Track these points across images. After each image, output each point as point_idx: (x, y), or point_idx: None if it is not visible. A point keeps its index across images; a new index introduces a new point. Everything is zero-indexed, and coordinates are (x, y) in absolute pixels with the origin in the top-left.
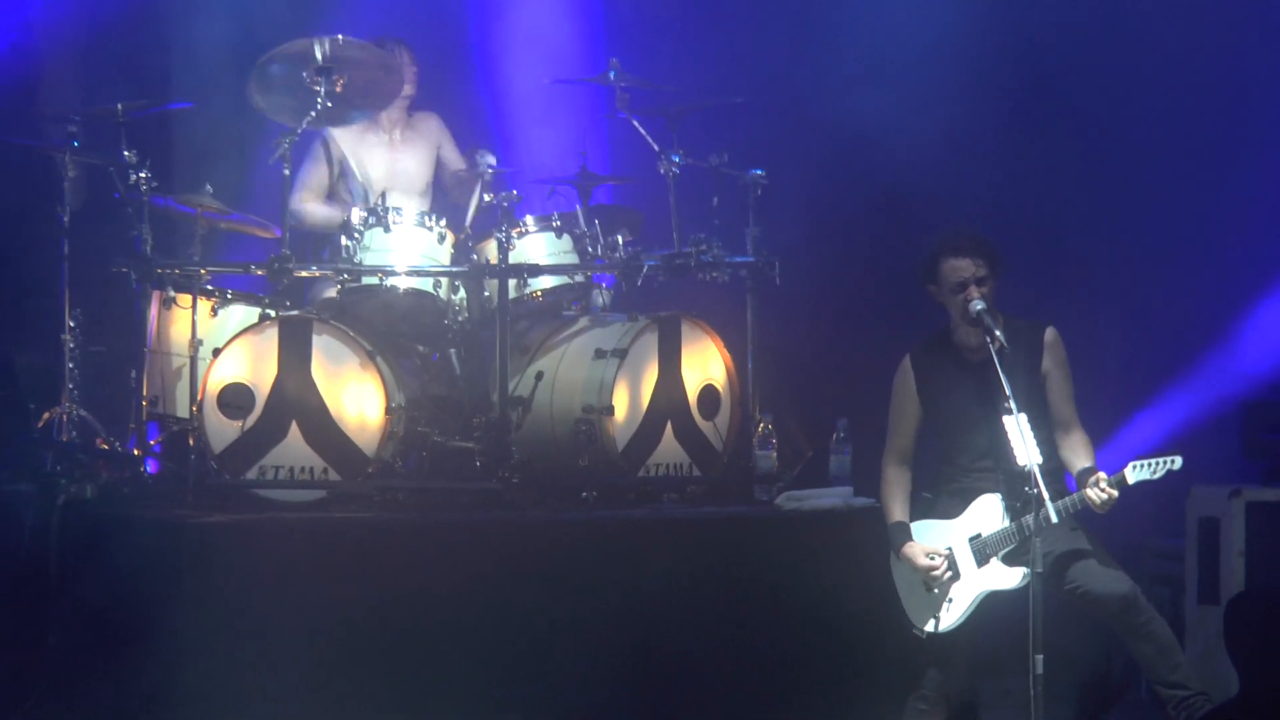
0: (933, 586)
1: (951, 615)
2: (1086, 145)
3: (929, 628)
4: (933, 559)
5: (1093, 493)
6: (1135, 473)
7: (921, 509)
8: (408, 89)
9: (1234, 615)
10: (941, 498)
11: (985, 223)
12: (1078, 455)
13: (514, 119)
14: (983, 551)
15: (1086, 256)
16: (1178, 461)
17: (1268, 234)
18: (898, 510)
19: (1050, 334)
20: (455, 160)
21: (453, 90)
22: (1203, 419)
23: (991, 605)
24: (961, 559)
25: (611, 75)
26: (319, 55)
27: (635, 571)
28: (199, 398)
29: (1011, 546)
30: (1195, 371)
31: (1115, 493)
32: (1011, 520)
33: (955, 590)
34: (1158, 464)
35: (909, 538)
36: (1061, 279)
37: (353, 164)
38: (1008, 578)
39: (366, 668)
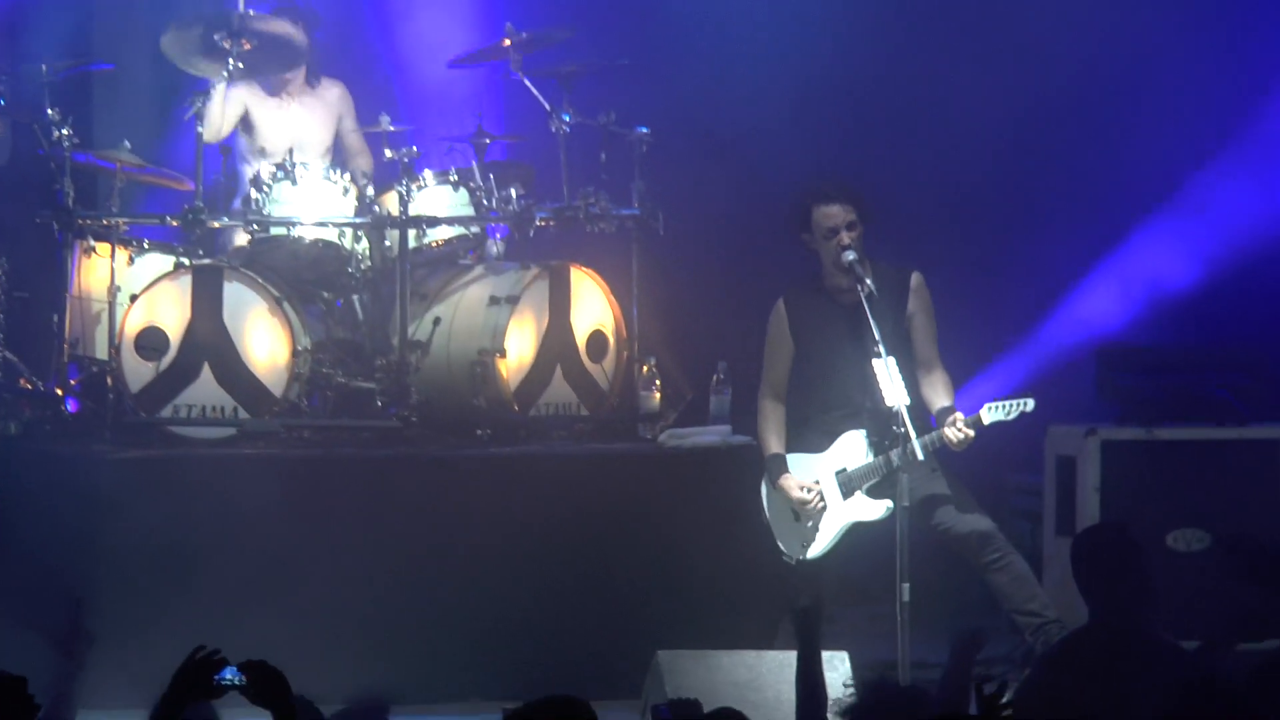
0: (802, 517)
1: (819, 544)
2: (951, 93)
3: (798, 556)
4: (807, 491)
5: (950, 432)
6: (990, 414)
7: (789, 443)
8: (306, 55)
9: (1083, 548)
10: (809, 433)
11: (858, 170)
12: (938, 394)
13: (413, 80)
14: (848, 485)
15: (948, 202)
16: (1030, 403)
17: (1126, 182)
18: (774, 443)
19: (916, 279)
20: (353, 135)
21: (355, 54)
22: (1059, 362)
23: (858, 535)
24: (828, 491)
25: (509, 36)
26: (228, 26)
27: (527, 505)
28: (117, 341)
29: (875, 480)
30: (1052, 316)
31: (972, 433)
32: (876, 455)
33: (823, 521)
34: (1012, 405)
35: (785, 469)
36: (925, 225)
37: (255, 122)
38: (873, 509)
39: (274, 595)
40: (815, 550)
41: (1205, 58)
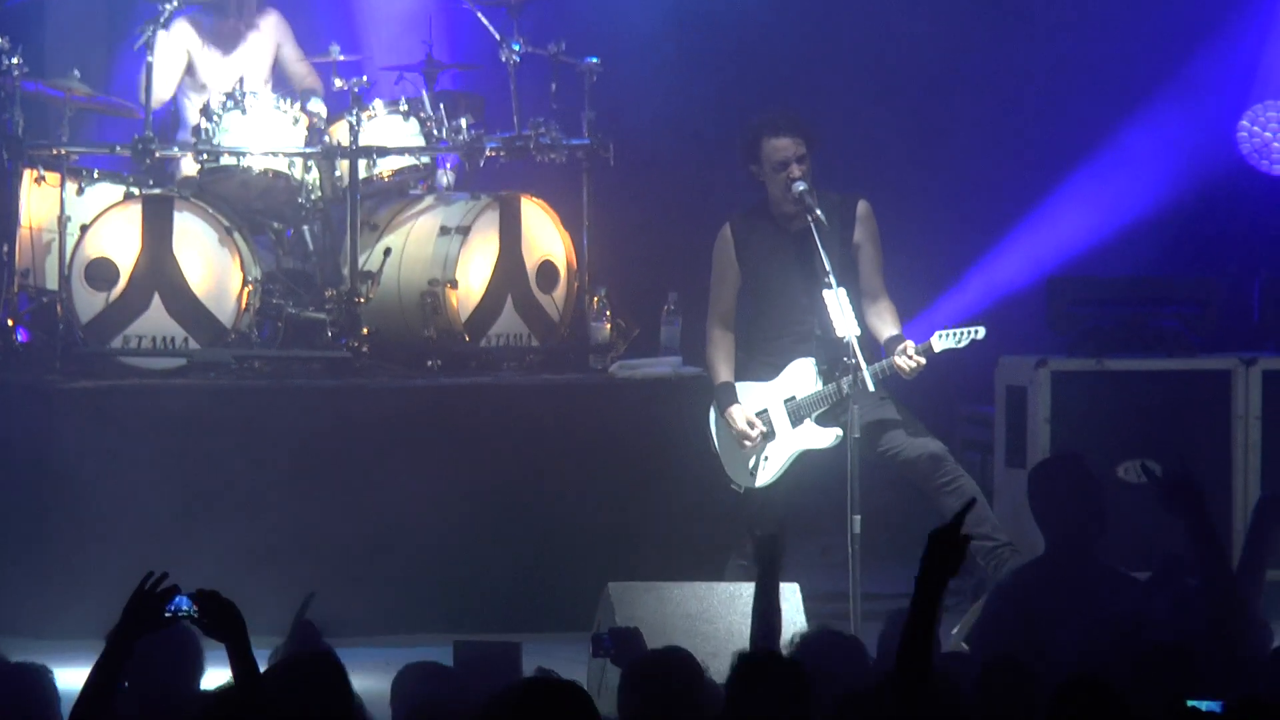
0: (749, 446)
1: (767, 473)
2: (902, 24)
3: (746, 483)
4: (750, 426)
5: (901, 360)
6: (941, 341)
7: (737, 371)
8: None
9: (1039, 479)
10: (755, 361)
11: (806, 102)
12: (885, 323)
13: (363, 8)
14: (797, 413)
15: (899, 131)
16: (981, 331)
17: (1077, 115)
18: (724, 371)
19: (863, 207)
20: (295, 60)
21: None
22: (1010, 293)
23: (808, 466)
24: (777, 419)
25: None
26: None
27: (478, 435)
28: (66, 271)
29: (825, 409)
30: (1003, 247)
31: (923, 360)
32: (825, 384)
33: (771, 449)
34: (962, 334)
35: (735, 399)
36: (875, 154)
37: (195, 63)
38: (822, 437)
39: (223, 525)
40: (764, 478)
41: None
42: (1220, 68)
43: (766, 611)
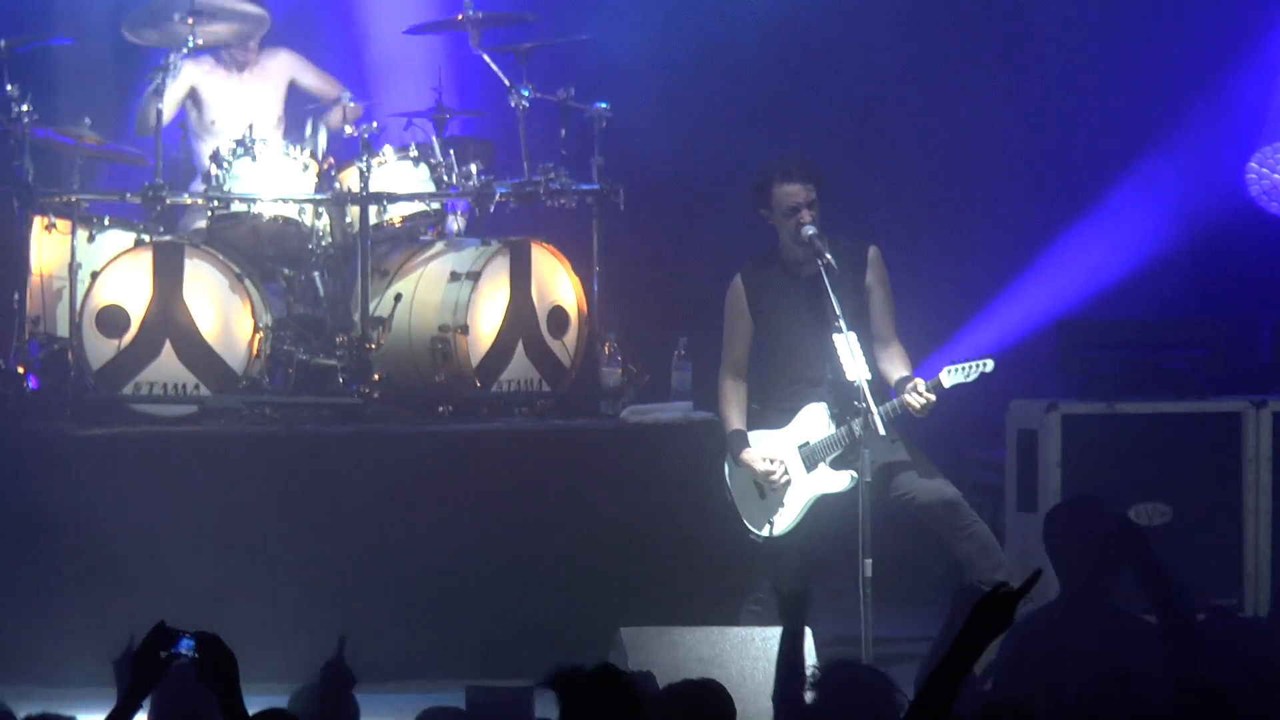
0: (767, 492)
1: (785, 520)
2: (912, 69)
3: (764, 532)
4: (771, 463)
5: (910, 397)
6: (951, 376)
7: (751, 420)
8: (266, 26)
9: (1055, 522)
10: (770, 409)
11: (816, 146)
12: (895, 366)
13: (372, 56)
14: (811, 458)
15: (909, 177)
16: (990, 364)
17: (1085, 158)
18: (735, 419)
19: (873, 252)
20: (319, 83)
21: (314, 28)
22: (1021, 336)
23: (821, 511)
24: (792, 466)
25: (469, 13)
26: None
27: (489, 480)
28: (78, 318)
29: (838, 452)
30: (1013, 290)
31: (933, 397)
32: (838, 427)
33: (788, 495)
34: (971, 367)
35: (747, 445)
36: (885, 199)
37: (203, 98)
38: (836, 481)
39: (236, 572)
40: (782, 525)
41: (1165, 35)
42: (1229, 110)
43: (793, 666)
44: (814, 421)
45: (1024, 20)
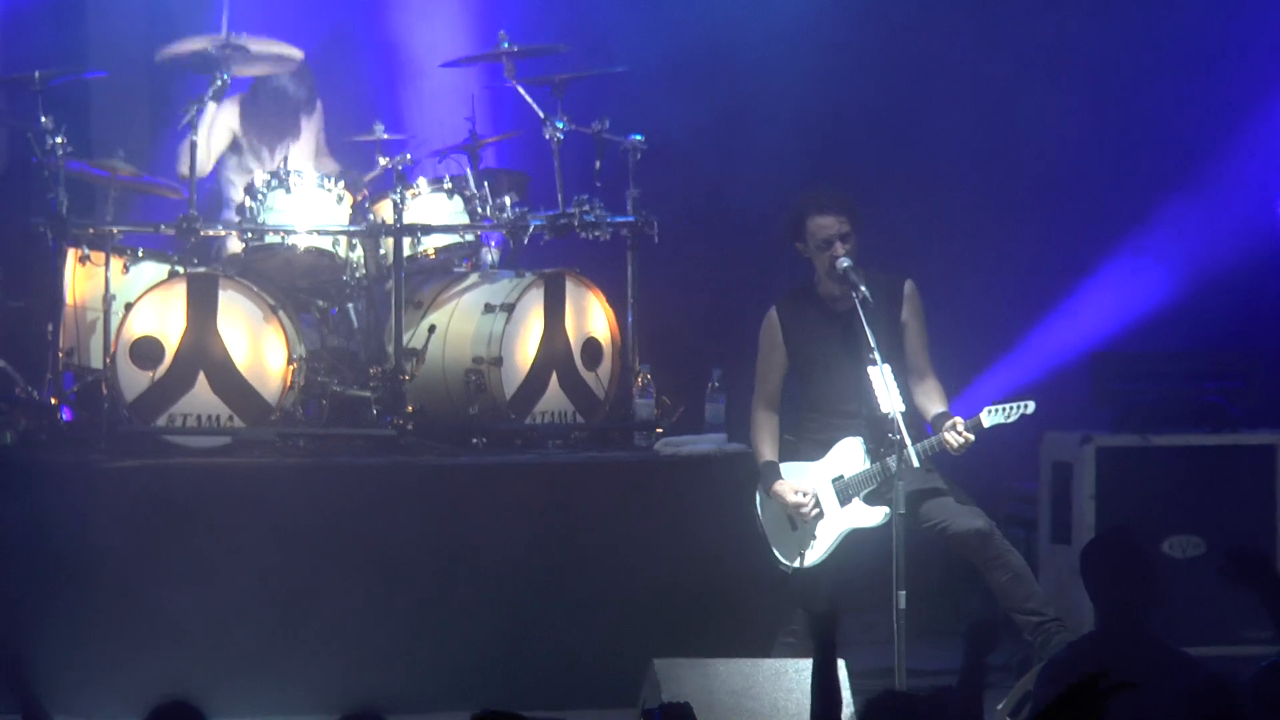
0: (799, 524)
1: (815, 552)
2: (943, 99)
3: (795, 564)
4: (802, 495)
5: (950, 436)
6: (990, 417)
7: (785, 452)
8: (302, 108)
9: (1091, 555)
10: (804, 441)
11: (851, 179)
12: (932, 401)
13: (407, 88)
14: (845, 492)
15: (942, 208)
16: (1030, 406)
17: (1122, 191)
18: (768, 451)
19: (909, 286)
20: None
21: (349, 60)
22: (1054, 369)
23: (854, 544)
24: (825, 499)
25: (503, 46)
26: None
27: (522, 512)
28: (112, 350)
29: (873, 487)
30: (1046, 323)
31: (972, 436)
32: (873, 462)
33: (819, 528)
34: (1012, 409)
35: (779, 476)
36: (918, 231)
37: (243, 147)
38: (870, 516)
39: (268, 603)
40: (812, 558)
41: (1200, 67)
42: (1265, 139)
43: (826, 689)
44: (849, 455)
45: (1064, 52)
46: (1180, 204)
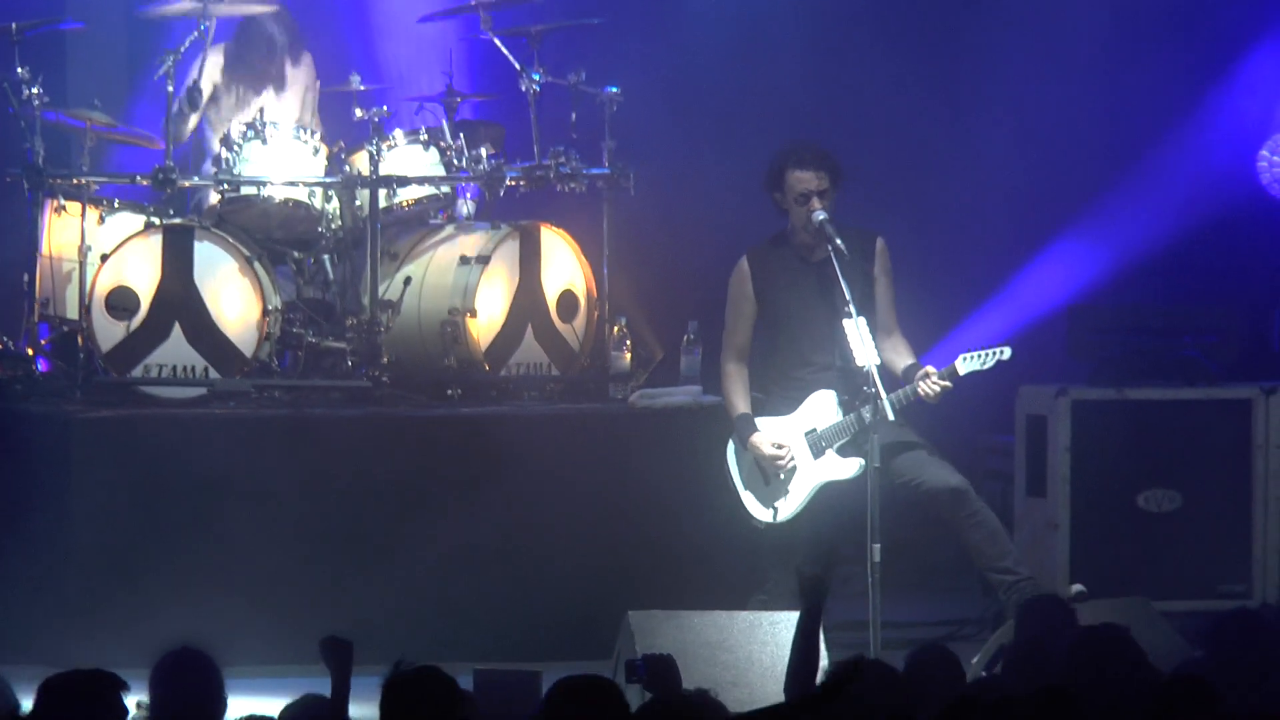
0: (772, 478)
1: (790, 506)
2: (922, 53)
3: (767, 518)
4: (778, 448)
5: (924, 385)
6: (966, 364)
7: (754, 408)
8: (284, 51)
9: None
10: (774, 396)
11: (827, 131)
12: (900, 355)
13: (383, 39)
14: (818, 444)
15: (919, 162)
16: (1007, 352)
17: (1098, 146)
18: (741, 403)
19: (880, 243)
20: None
21: (324, 12)
22: (1031, 322)
23: (828, 499)
24: (798, 452)
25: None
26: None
27: (497, 464)
28: (87, 300)
29: (845, 439)
30: (1023, 276)
31: (948, 384)
32: (846, 414)
33: (794, 482)
34: (987, 355)
35: (755, 429)
36: (894, 184)
37: (221, 103)
38: (844, 468)
39: (242, 555)
40: (786, 512)
41: (1177, 24)
42: (1240, 97)
43: (808, 649)
44: (822, 408)
45: (1036, 9)
46: (1158, 159)
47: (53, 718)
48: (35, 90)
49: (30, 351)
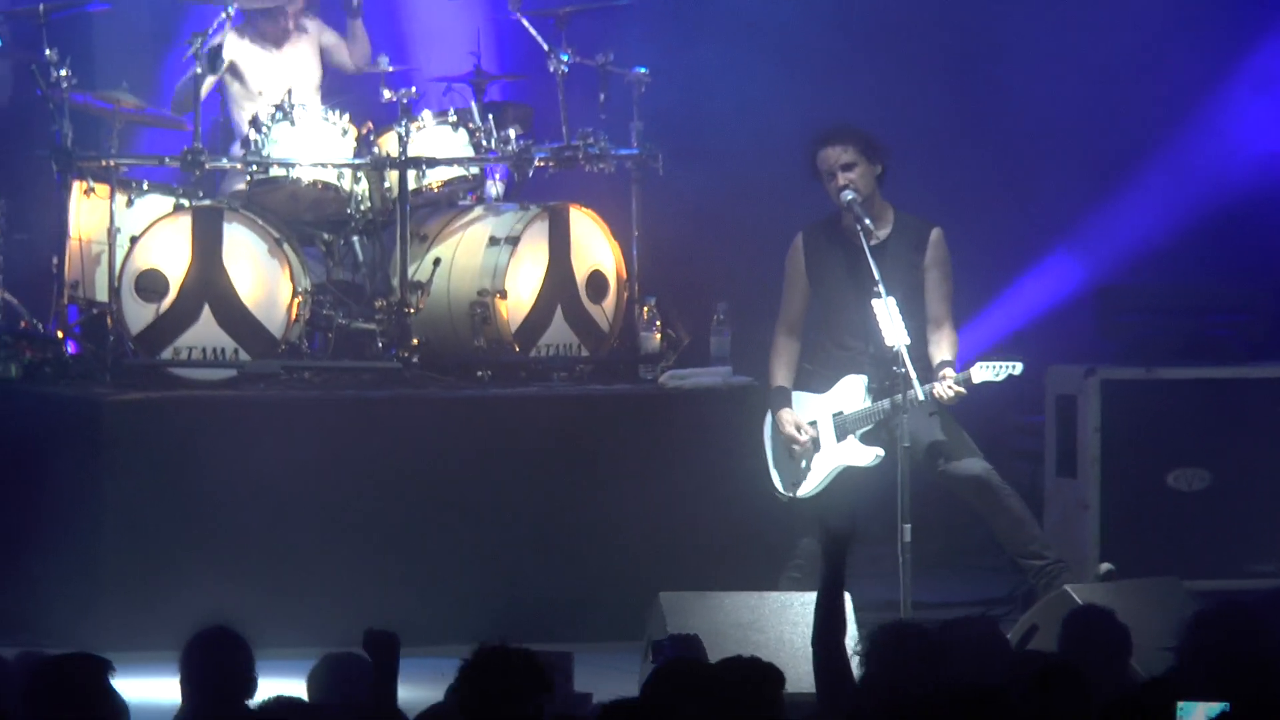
0: (797, 454)
1: (809, 484)
2: (951, 34)
3: (788, 492)
4: (797, 429)
5: (939, 388)
6: (980, 373)
7: (800, 379)
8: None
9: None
10: (818, 370)
11: (860, 111)
12: (939, 349)
13: (411, 21)
14: (843, 428)
15: (955, 143)
16: (1019, 367)
17: (1128, 126)
18: (780, 376)
19: (936, 233)
20: (336, 42)
21: None
22: (1060, 300)
23: (859, 477)
24: (824, 432)
25: None
26: None
27: (527, 445)
28: (116, 283)
29: (869, 427)
30: (1054, 256)
31: (962, 390)
32: (873, 401)
33: (815, 461)
34: (1000, 367)
35: (787, 404)
36: (928, 165)
37: (243, 69)
38: (861, 455)
39: (273, 536)
40: (804, 490)
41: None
42: (1270, 77)
43: (832, 609)
44: (851, 392)
45: None
46: (1189, 137)
47: (42, 703)
48: (64, 73)
49: (60, 334)
